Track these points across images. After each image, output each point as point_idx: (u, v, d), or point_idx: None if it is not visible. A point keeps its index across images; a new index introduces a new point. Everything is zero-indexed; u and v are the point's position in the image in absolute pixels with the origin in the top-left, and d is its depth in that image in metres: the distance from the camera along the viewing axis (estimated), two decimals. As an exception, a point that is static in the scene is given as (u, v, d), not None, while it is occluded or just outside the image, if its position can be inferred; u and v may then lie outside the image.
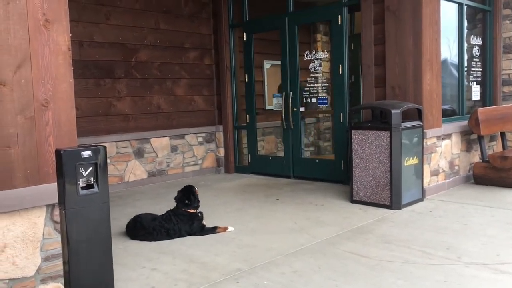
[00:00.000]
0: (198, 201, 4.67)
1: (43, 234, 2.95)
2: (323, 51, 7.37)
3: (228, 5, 8.01)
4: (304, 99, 7.29)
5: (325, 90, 7.16)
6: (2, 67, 2.82)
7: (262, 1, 8.34)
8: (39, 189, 2.93)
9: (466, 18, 7.06)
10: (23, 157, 2.91)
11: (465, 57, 7.05)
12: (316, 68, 7.15)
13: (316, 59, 7.15)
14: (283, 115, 7.33)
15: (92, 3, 6.72)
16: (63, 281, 2.93)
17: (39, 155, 2.97)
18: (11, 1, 2.83)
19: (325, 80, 7.21)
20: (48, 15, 3.00)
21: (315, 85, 7.16)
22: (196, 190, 4.70)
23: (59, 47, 3.06)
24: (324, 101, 7.23)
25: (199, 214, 4.64)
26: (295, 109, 7.24)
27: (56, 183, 2.74)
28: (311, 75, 7.20)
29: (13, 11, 2.84)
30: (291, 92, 7.24)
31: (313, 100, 7.23)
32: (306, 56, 7.24)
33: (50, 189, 2.91)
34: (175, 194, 4.73)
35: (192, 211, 4.58)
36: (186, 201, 4.58)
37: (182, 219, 4.50)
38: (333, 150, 7.05)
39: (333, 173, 6.83)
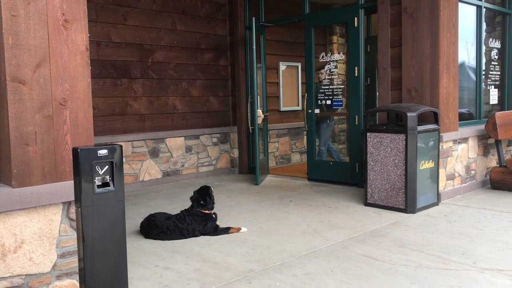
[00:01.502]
0: (213, 202, 4.69)
1: (59, 231, 2.99)
2: (339, 53, 7.35)
3: (245, 6, 8.03)
4: (319, 101, 7.27)
5: (340, 92, 7.13)
6: (22, 66, 2.87)
7: (278, 3, 8.36)
8: (56, 187, 2.98)
9: (485, 21, 6.98)
10: (41, 154, 2.95)
11: (483, 60, 6.96)
12: (332, 70, 7.13)
13: (331, 61, 7.13)
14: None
15: (110, 3, 6.80)
16: (78, 278, 2.98)
17: (57, 153, 3.02)
18: (31, 1, 2.88)
19: (341, 82, 7.18)
20: (67, 15, 3.04)
21: (330, 87, 7.14)
22: (212, 191, 4.72)
23: (78, 47, 3.11)
24: (339, 103, 7.20)
25: (213, 215, 4.66)
26: (310, 111, 7.22)
27: (72, 181, 2.77)
28: (327, 76, 7.19)
29: (33, 11, 2.89)
30: (306, 94, 7.22)
31: (328, 102, 7.21)
32: (322, 58, 7.23)
33: (66, 187, 2.96)
34: (189, 194, 4.76)
35: (207, 211, 4.60)
36: (202, 202, 4.60)
37: (197, 219, 4.53)
38: (347, 153, 7.01)
39: (348, 175, 6.79)
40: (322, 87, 7.21)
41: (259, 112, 7.20)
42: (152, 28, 7.26)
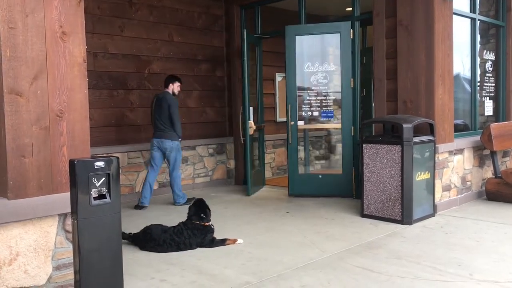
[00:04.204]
0: (210, 213, 4.70)
1: (55, 243, 2.98)
2: (334, 64, 7.36)
3: (241, 18, 8.08)
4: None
5: (335, 103, 7.08)
6: (20, 78, 2.88)
7: (274, 15, 8.41)
8: (52, 198, 2.97)
9: (479, 33, 7.05)
10: (37, 166, 2.95)
11: (478, 72, 7.02)
12: (322, 81, 7.06)
13: (326, 70, 7.11)
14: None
15: (107, 15, 6.82)
16: (73, 291, 2.96)
17: (53, 164, 3.02)
18: (29, 14, 2.89)
19: (334, 93, 7.12)
20: (65, 28, 3.06)
21: (318, 98, 7.05)
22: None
23: (75, 59, 3.12)
24: (330, 114, 7.07)
25: (212, 227, 4.64)
26: (292, 123, 7.08)
27: (69, 193, 2.77)
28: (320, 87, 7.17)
29: (31, 23, 2.91)
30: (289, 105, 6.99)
31: (316, 113, 7.08)
32: (307, 68, 7.14)
33: (63, 199, 2.95)
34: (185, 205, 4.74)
35: (206, 224, 4.59)
36: (202, 215, 4.58)
37: (196, 233, 4.48)
38: (342, 163, 6.98)
39: (341, 187, 6.74)
40: (308, 98, 7.11)
41: (251, 123, 7.15)
42: (149, 39, 7.29)
